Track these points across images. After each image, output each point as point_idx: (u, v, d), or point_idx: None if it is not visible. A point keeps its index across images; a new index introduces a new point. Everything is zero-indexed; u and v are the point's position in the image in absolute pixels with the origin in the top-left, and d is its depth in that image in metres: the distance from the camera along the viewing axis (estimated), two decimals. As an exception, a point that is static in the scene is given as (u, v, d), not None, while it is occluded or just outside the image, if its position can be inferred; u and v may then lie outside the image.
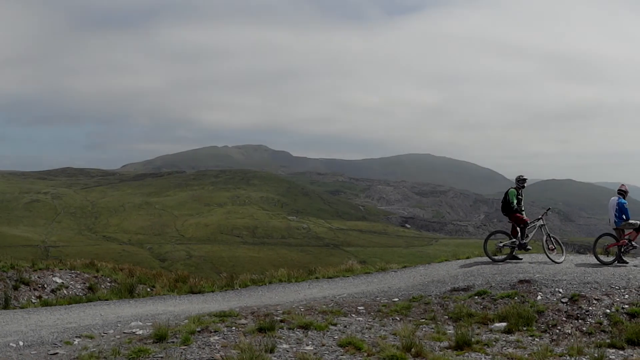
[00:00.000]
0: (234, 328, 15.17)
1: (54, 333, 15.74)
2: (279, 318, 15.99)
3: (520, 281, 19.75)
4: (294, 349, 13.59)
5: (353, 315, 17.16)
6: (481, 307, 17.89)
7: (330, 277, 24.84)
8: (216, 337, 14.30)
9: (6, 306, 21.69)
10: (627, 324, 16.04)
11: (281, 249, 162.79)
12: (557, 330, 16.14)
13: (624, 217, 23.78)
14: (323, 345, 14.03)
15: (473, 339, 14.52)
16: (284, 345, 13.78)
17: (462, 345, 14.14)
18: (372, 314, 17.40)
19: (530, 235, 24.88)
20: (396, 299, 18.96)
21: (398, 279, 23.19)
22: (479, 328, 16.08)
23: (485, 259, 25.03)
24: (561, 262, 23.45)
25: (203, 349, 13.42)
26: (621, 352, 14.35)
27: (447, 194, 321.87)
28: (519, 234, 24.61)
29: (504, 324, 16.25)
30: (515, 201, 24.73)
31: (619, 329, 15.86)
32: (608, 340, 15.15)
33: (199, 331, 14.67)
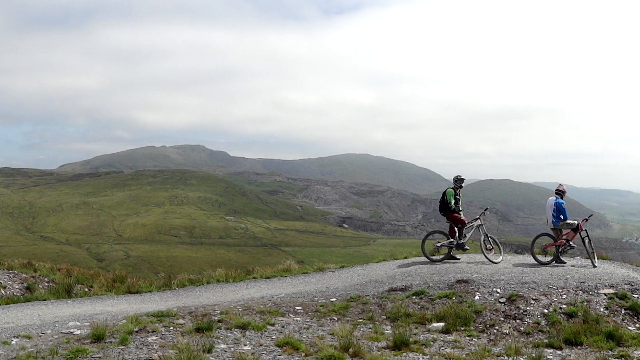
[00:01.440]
0: (171, 328, 15.09)
1: (-9, 333, 15.55)
2: (216, 318, 15.93)
3: (458, 281, 19.85)
4: (232, 349, 13.54)
5: (291, 315, 17.13)
6: (419, 307, 17.95)
7: (268, 277, 24.83)
8: (154, 337, 14.21)
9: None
10: (565, 324, 16.21)
11: (219, 249, 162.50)
12: (495, 330, 16.23)
13: (562, 217, 23.98)
14: (261, 345, 14.00)
15: (411, 339, 14.56)
16: (222, 345, 13.72)
17: (399, 345, 14.17)
18: (310, 314, 17.38)
19: (468, 235, 24.99)
20: (334, 299, 18.96)
21: (336, 279, 23.21)
22: (416, 328, 16.14)
23: (423, 259, 25.14)
24: (499, 262, 23.63)
25: (141, 349, 13.32)
26: (559, 352, 14.47)
27: (384, 194, 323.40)
28: (457, 234, 24.72)
29: (441, 324, 16.32)
30: (453, 201, 24.81)
31: (556, 329, 16.00)
32: (546, 340, 15.29)
33: (136, 331, 14.57)
